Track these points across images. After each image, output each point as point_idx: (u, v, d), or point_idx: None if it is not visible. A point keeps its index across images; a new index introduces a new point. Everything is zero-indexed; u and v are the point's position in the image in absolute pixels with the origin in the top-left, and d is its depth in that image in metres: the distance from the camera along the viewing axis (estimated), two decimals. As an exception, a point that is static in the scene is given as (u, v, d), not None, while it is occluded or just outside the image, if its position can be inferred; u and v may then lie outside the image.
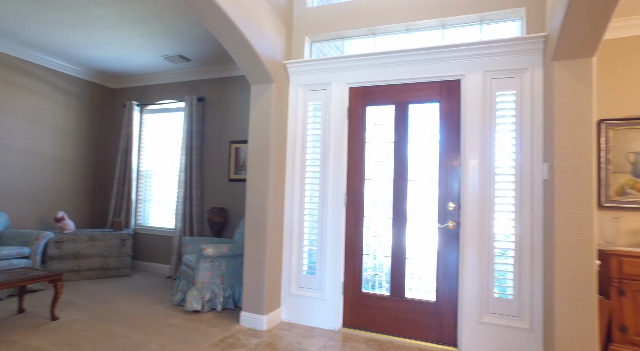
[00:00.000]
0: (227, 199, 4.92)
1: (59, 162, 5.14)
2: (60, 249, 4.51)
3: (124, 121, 5.49)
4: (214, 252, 3.58)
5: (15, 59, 4.63)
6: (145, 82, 5.59)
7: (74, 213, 5.33)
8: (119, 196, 5.44)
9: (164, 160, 5.48)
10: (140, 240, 5.43)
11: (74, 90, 5.32)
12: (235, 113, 4.97)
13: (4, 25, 4.04)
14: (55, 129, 5.09)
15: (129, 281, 4.63)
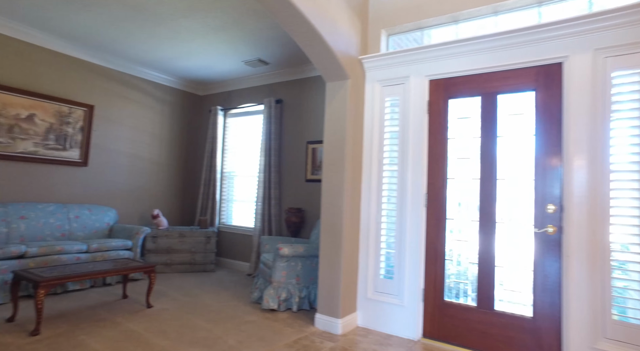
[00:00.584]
0: (304, 199, 4.95)
1: (155, 165, 5.66)
2: (155, 243, 4.93)
3: (210, 125, 5.86)
4: (290, 252, 3.59)
5: (123, 74, 5.20)
6: (228, 88, 5.91)
7: (167, 210, 5.82)
8: (205, 196, 5.81)
9: (245, 161, 5.72)
10: (223, 238, 5.73)
11: (168, 99, 5.82)
12: (312, 113, 4.99)
13: (116, 45, 4.55)
14: (152, 135, 5.61)
15: (213, 277, 4.89)
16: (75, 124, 4.73)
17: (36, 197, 4.42)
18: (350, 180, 3.25)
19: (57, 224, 4.32)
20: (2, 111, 4.16)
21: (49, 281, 2.85)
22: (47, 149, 4.49)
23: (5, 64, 4.17)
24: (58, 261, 3.84)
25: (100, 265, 3.40)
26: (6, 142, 4.19)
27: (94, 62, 4.88)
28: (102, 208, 4.82)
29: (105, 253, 4.23)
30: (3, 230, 3.92)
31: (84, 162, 4.81)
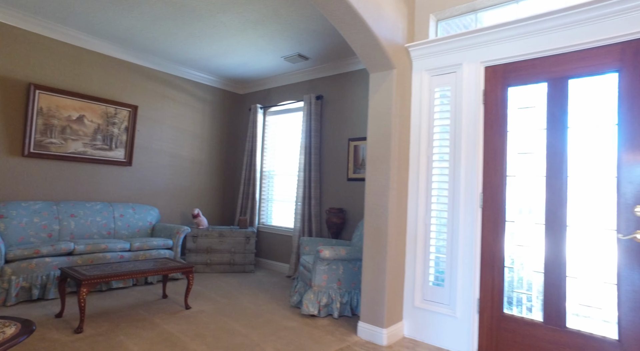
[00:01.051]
0: (345, 199, 4.74)
1: (196, 164, 5.68)
2: (196, 243, 4.92)
3: (249, 123, 5.80)
4: (331, 255, 3.39)
5: (165, 74, 5.26)
6: (267, 86, 5.82)
7: (208, 210, 5.82)
8: (244, 195, 5.75)
9: (285, 160, 5.60)
10: (263, 238, 5.64)
11: (209, 98, 5.83)
12: (354, 109, 4.76)
13: (157, 45, 4.59)
14: (193, 134, 5.64)
15: (252, 278, 4.80)
16: (120, 124, 4.83)
17: (85, 196, 4.54)
18: (395, 178, 3.00)
19: (103, 223, 4.41)
20: (56, 113, 4.30)
21: (91, 280, 2.85)
22: (94, 149, 4.61)
23: (60, 68, 4.31)
24: (103, 259, 3.90)
25: (140, 264, 3.38)
26: (59, 143, 4.33)
27: (137, 63, 4.96)
28: (145, 207, 4.88)
29: (147, 252, 4.26)
30: (55, 227, 4.04)
31: (129, 162, 4.90)
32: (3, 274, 3.34)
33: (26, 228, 3.85)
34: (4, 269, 3.34)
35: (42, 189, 4.22)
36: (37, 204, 4.03)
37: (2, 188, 3.96)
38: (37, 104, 4.17)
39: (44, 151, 4.23)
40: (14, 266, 3.39)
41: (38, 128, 4.19)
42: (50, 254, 3.61)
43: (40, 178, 4.20)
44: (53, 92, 4.26)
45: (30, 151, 4.13)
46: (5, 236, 3.71)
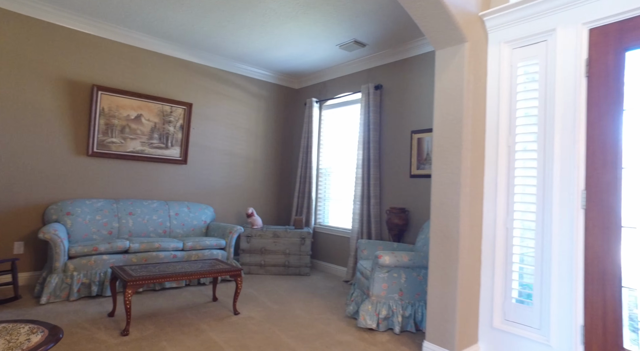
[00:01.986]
0: (408, 198, 4.27)
1: (251, 162, 5.55)
2: (249, 243, 4.76)
3: (305, 118, 5.54)
4: (391, 261, 2.97)
5: (219, 71, 5.18)
6: (323, 78, 5.51)
7: (263, 209, 5.67)
8: (300, 194, 5.51)
9: (342, 156, 5.25)
10: (319, 239, 5.35)
11: (264, 93, 5.67)
12: (416, 98, 4.27)
13: (209, 41, 4.50)
14: (248, 131, 5.51)
15: (307, 281, 4.52)
16: (175, 122, 4.82)
17: (142, 194, 4.58)
18: (468, 173, 2.50)
19: (159, 221, 4.40)
20: (116, 113, 4.38)
21: (136, 281, 2.73)
22: (151, 147, 4.64)
23: (120, 68, 4.39)
24: (156, 258, 3.85)
25: (188, 266, 3.24)
26: (119, 142, 4.41)
27: (191, 60, 4.93)
28: (199, 206, 4.82)
29: (200, 252, 4.16)
30: (115, 225, 4.10)
31: (184, 160, 4.88)
32: (66, 269, 3.39)
33: (89, 225, 3.93)
34: (67, 265, 3.40)
35: (104, 188, 4.32)
36: (99, 202, 4.11)
37: (70, 186, 4.09)
38: (100, 105, 4.27)
39: (106, 150, 4.32)
40: (75, 263, 3.43)
41: (100, 128, 4.28)
42: (107, 252, 3.62)
43: (102, 177, 4.30)
44: (113, 92, 4.34)
45: (94, 151, 4.23)
46: (71, 232, 3.81)
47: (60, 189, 4.05)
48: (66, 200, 3.99)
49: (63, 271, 3.39)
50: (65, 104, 4.08)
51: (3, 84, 3.75)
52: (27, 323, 1.77)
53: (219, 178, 5.22)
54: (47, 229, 3.33)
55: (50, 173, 4.00)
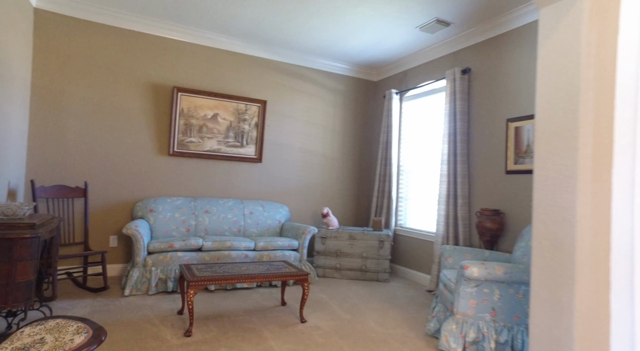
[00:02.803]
0: (503, 197, 3.61)
1: (327, 160, 5.32)
2: (324, 245, 4.52)
3: (384, 112, 5.13)
4: (481, 273, 2.45)
5: (293, 66, 5.05)
6: (403, 67, 5.04)
7: (340, 209, 5.39)
8: (380, 194, 5.11)
9: (425, 152, 4.73)
10: (400, 242, 4.89)
11: (340, 88, 5.40)
12: (512, 80, 3.60)
13: (281, 35, 4.38)
14: (324, 128, 5.29)
15: (385, 289, 4.11)
16: (250, 120, 4.80)
17: (219, 192, 4.64)
18: (588, 165, 1.89)
19: (234, 220, 4.40)
20: (194, 113, 4.50)
21: (198, 282, 2.65)
22: (227, 146, 4.67)
23: (197, 69, 4.50)
24: (227, 257, 3.82)
25: (254, 267, 3.10)
26: (197, 141, 4.52)
27: (264, 56, 4.87)
28: (274, 205, 4.73)
29: (271, 253, 4.03)
30: (192, 223, 4.19)
31: (259, 158, 4.83)
32: (146, 264, 3.52)
33: (169, 222, 4.06)
34: (146, 260, 3.52)
35: (183, 186, 4.45)
36: (179, 199, 4.24)
37: (154, 185, 4.30)
38: (179, 106, 4.42)
39: (185, 149, 4.45)
40: (153, 258, 3.54)
41: (180, 128, 4.43)
42: (182, 249, 3.68)
43: (181, 175, 4.44)
44: (192, 93, 4.45)
45: (175, 150, 4.39)
46: (153, 228, 3.98)
47: (145, 187, 4.27)
48: (150, 198, 4.18)
49: (143, 266, 3.51)
50: (150, 106, 4.29)
51: (101, 91, 4.06)
52: (77, 322, 1.73)
53: (295, 177, 5.09)
54: (130, 226, 3.48)
55: (137, 172, 4.23)
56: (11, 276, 2.04)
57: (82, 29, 3.99)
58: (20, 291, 2.07)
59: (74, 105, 3.96)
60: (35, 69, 3.83)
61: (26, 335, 1.63)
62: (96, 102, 4.05)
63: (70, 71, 3.95)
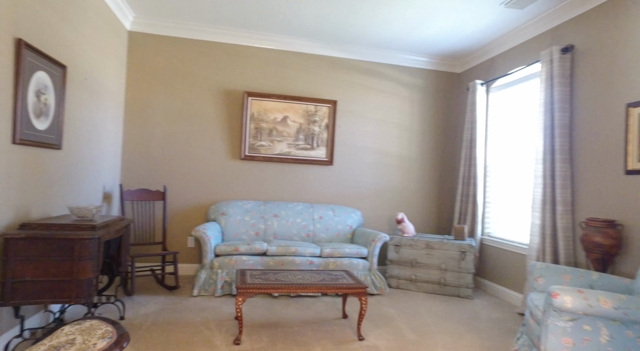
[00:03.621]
0: (620, 205, 2.85)
1: (404, 161, 4.92)
2: (398, 253, 4.15)
3: (467, 106, 4.55)
4: (577, 304, 1.90)
5: (364, 63, 4.79)
6: (490, 54, 4.41)
7: (419, 215, 4.93)
8: (463, 198, 4.53)
9: (517, 150, 4.04)
10: (487, 254, 4.25)
11: (418, 83, 4.96)
12: (633, 55, 2.82)
13: (350, 30, 4.16)
14: (400, 127, 4.91)
15: (466, 307, 3.58)
16: (320, 122, 4.67)
17: (289, 196, 4.59)
18: None
19: (302, 224, 4.30)
20: (264, 117, 4.54)
21: (246, 289, 2.57)
22: (297, 149, 4.61)
23: (267, 73, 4.54)
24: (292, 263, 3.71)
25: (310, 276, 2.92)
26: (267, 145, 4.55)
27: (333, 55, 4.69)
28: (345, 209, 4.51)
29: (338, 260, 3.82)
30: (261, 226, 4.20)
31: (330, 161, 4.67)
32: (212, 266, 3.61)
33: (239, 226, 4.14)
34: (213, 262, 3.61)
35: (254, 190, 4.51)
36: (249, 203, 4.30)
37: (226, 188, 4.44)
38: (250, 110, 4.49)
39: (256, 153, 4.51)
40: (219, 261, 3.61)
41: (250, 132, 4.50)
42: (246, 253, 3.69)
43: (252, 179, 4.50)
44: (261, 97, 4.49)
45: (246, 154, 4.47)
46: (225, 231, 4.09)
47: (219, 190, 4.42)
48: (223, 201, 4.31)
49: (210, 268, 3.60)
50: (222, 111, 4.44)
51: (180, 99, 4.33)
52: (108, 325, 1.74)
53: (368, 179, 4.80)
54: (198, 228, 3.61)
55: (212, 176, 4.41)
56: (73, 273, 2.18)
57: (165, 44, 4.30)
58: (82, 287, 2.21)
59: (157, 114, 4.29)
60: (129, 84, 4.24)
61: (64, 334, 1.68)
62: (176, 110, 4.33)
63: (156, 83, 4.29)
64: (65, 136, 2.95)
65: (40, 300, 2.16)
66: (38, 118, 2.59)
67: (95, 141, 3.52)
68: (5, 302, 2.11)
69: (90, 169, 3.42)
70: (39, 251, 2.15)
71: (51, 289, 2.16)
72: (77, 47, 3.07)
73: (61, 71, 2.85)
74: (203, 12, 3.97)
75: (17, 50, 2.35)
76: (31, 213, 2.53)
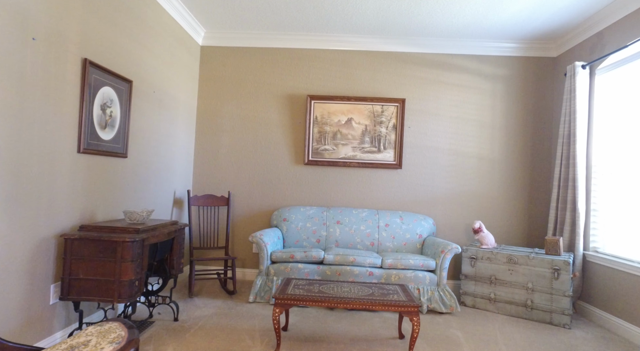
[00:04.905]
0: None
1: (485, 162, 4.31)
2: (474, 267, 3.61)
3: (564, 95, 3.80)
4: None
5: (435, 55, 4.35)
6: (595, 28, 3.62)
7: (501, 224, 4.26)
8: (560, 205, 3.78)
9: (634, 145, 3.21)
10: (595, 274, 3.44)
11: (501, 72, 4.33)
12: None
13: (415, 20, 3.82)
14: (480, 124, 4.33)
15: (559, 338, 2.91)
16: (387, 122, 4.35)
17: (354, 202, 4.36)
18: None
19: (367, 232, 4.03)
20: (328, 120, 4.41)
21: (283, 300, 2.42)
22: (363, 152, 4.36)
23: (330, 75, 4.41)
24: (350, 273, 3.47)
25: (359, 290, 2.66)
26: (331, 149, 4.40)
27: (400, 50, 4.35)
28: (415, 216, 4.11)
29: (401, 272, 3.46)
30: (323, 233, 4.05)
31: (398, 164, 4.31)
32: (268, 273, 3.56)
33: (301, 232, 4.04)
34: (269, 269, 3.56)
35: (316, 195, 4.38)
36: (311, 209, 4.18)
37: (289, 194, 4.39)
38: (313, 114, 4.40)
39: (319, 158, 4.38)
40: (275, 267, 3.55)
41: (314, 136, 4.40)
42: (302, 261, 3.56)
43: (315, 184, 4.38)
44: (324, 99, 4.37)
45: (309, 159, 4.38)
46: (286, 237, 4.04)
47: (282, 196, 4.39)
48: (285, 207, 4.27)
49: (266, 274, 3.55)
50: (286, 117, 4.43)
51: (246, 106, 4.45)
52: (123, 329, 1.74)
53: (441, 184, 4.33)
54: (255, 234, 3.59)
55: (276, 182, 4.41)
56: (116, 274, 2.29)
57: (232, 55, 4.47)
58: (124, 288, 2.30)
59: (225, 122, 4.46)
60: (200, 96, 4.50)
61: (84, 334, 1.72)
62: (242, 118, 4.45)
63: (224, 92, 4.47)
64: (131, 145, 3.18)
65: (90, 298, 2.30)
66: (103, 129, 2.82)
67: (165, 149, 3.76)
68: (64, 297, 2.30)
69: (159, 176, 3.66)
70: (90, 252, 2.30)
71: (99, 288, 2.29)
72: (145, 63, 3.31)
73: (127, 85, 3.08)
74: (265, 20, 4.02)
75: (84, 69, 2.58)
76: (96, 216, 2.75)
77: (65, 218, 2.46)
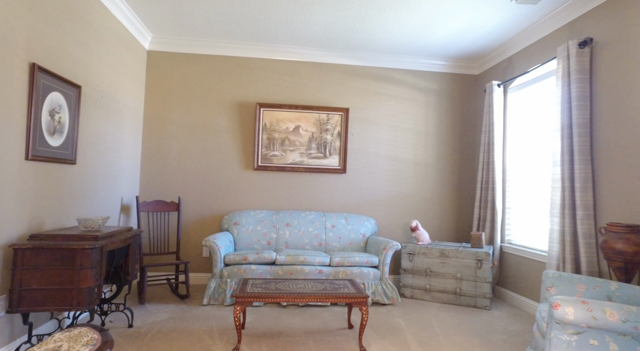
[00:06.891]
0: (646, 209, 2.61)
1: (420, 167, 4.79)
2: (412, 262, 4.02)
3: (485, 108, 4.38)
4: (579, 317, 1.75)
5: (377, 69, 4.74)
6: (506, 53, 4.23)
7: (436, 222, 4.77)
8: (482, 204, 4.34)
9: (536, 152, 3.83)
10: (508, 262, 4.03)
11: (433, 87, 4.84)
12: (653, 45, 2.60)
13: (358, 37, 4.15)
14: (415, 132, 4.80)
15: (482, 318, 3.40)
16: (333, 130, 4.65)
17: (301, 205, 4.59)
18: None
19: (314, 233, 4.28)
20: (276, 127, 4.59)
21: (243, 298, 2.58)
22: (310, 158, 4.61)
23: (279, 84, 4.60)
24: (301, 272, 3.69)
25: (312, 286, 2.89)
26: (279, 155, 4.59)
27: (344, 63, 4.68)
28: (359, 217, 4.44)
29: (348, 269, 3.76)
30: (273, 236, 4.22)
31: (343, 169, 4.63)
32: (222, 275, 3.65)
33: (251, 235, 4.18)
34: (222, 271, 3.66)
35: (266, 199, 4.55)
36: (262, 212, 4.34)
37: (240, 198, 4.50)
38: (262, 121, 4.56)
39: (268, 163, 4.56)
40: (229, 270, 3.66)
41: (263, 143, 4.56)
42: (255, 262, 3.71)
43: (265, 189, 4.55)
44: (273, 107, 4.56)
45: (259, 165, 4.53)
46: (237, 241, 4.15)
47: (232, 201, 4.50)
48: (236, 211, 4.38)
49: (220, 277, 3.65)
50: (236, 124, 4.54)
51: (195, 113, 4.48)
52: (95, 333, 1.80)
53: (382, 187, 4.72)
54: (209, 238, 3.67)
55: (226, 187, 4.50)
56: (74, 282, 2.28)
57: (180, 61, 4.48)
58: (83, 295, 2.30)
59: (174, 128, 4.45)
60: (147, 101, 4.44)
61: (53, 340, 1.75)
62: (191, 123, 4.47)
63: (172, 98, 4.46)
64: (80, 151, 3.12)
65: (45, 308, 2.27)
66: (52, 135, 2.76)
67: (112, 156, 3.69)
68: (12, 309, 2.24)
69: (106, 182, 3.59)
70: (44, 261, 2.27)
71: (55, 297, 2.27)
72: (93, 68, 3.26)
73: (76, 90, 3.03)
74: (215, 28, 4.10)
75: (31, 74, 2.52)
76: (44, 224, 2.68)
77: (12, 228, 2.39)
